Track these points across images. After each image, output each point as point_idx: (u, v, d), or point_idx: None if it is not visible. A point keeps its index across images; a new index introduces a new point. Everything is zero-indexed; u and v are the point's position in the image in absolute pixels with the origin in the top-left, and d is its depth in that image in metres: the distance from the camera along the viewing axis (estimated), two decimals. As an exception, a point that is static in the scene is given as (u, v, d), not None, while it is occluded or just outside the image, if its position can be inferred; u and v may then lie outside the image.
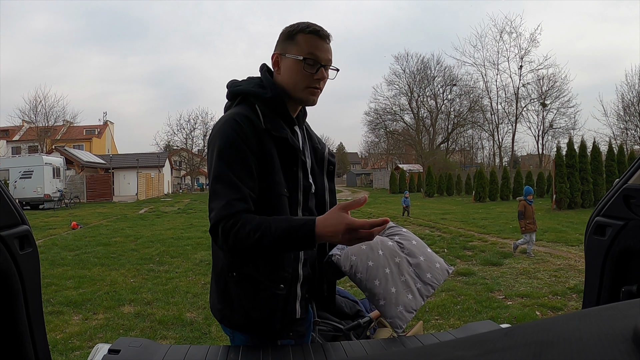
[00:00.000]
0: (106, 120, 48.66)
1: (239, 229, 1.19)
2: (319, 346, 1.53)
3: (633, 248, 1.31)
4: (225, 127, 1.27)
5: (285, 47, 1.35)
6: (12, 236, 1.22)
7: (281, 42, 1.37)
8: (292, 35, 1.34)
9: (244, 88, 1.38)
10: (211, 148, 1.31)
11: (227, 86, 1.44)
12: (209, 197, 1.28)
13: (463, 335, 0.50)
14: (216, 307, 1.41)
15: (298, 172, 1.36)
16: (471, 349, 0.41)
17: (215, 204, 1.24)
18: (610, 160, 16.37)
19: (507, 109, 43.32)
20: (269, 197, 1.30)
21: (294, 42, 1.33)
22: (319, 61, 1.32)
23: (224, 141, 1.26)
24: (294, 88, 1.35)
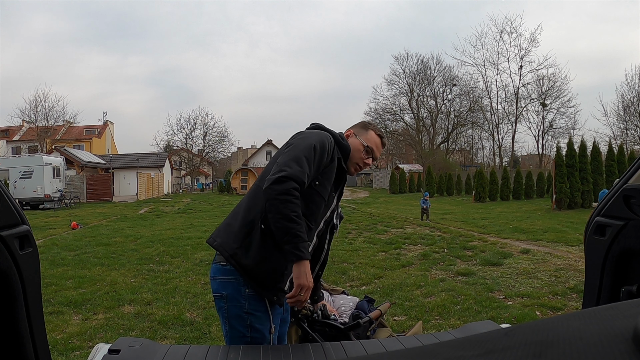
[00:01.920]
0: (106, 120, 48.66)
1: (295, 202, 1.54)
2: (319, 346, 1.53)
3: (633, 248, 1.31)
4: (322, 135, 1.74)
5: (359, 131, 1.92)
6: (12, 236, 1.22)
7: (358, 127, 1.94)
8: (367, 127, 1.93)
9: (328, 129, 1.88)
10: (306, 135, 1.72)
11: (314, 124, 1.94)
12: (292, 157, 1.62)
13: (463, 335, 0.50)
14: (230, 246, 1.67)
15: (335, 196, 1.85)
16: (471, 349, 0.41)
17: (297, 166, 1.59)
18: (610, 160, 16.38)
19: (507, 109, 43.33)
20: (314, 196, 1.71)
21: (366, 133, 1.91)
22: (373, 155, 1.90)
23: (320, 139, 1.70)
24: (351, 158, 1.87)
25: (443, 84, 45.79)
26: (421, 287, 5.43)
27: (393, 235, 10.04)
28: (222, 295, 1.66)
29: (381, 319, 2.31)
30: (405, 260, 7.12)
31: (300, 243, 1.52)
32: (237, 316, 1.63)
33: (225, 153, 48.04)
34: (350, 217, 14.26)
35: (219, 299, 1.67)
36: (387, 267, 6.54)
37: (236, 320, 1.64)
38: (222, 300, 1.66)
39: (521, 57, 41.95)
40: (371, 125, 1.95)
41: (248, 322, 1.62)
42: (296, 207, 1.53)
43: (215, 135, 45.15)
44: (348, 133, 1.91)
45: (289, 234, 1.51)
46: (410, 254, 7.69)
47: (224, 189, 36.02)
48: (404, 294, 5.09)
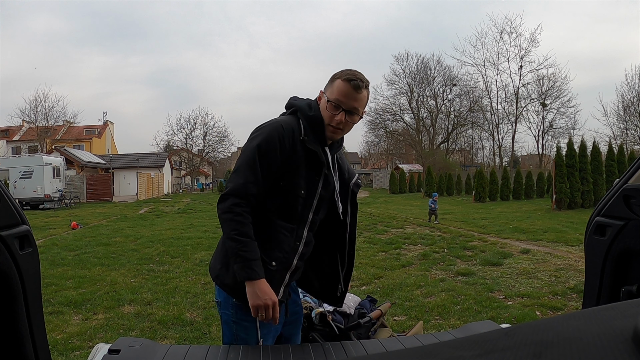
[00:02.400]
0: (106, 120, 48.65)
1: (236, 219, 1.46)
2: (319, 346, 1.53)
3: (633, 248, 1.31)
4: (271, 128, 1.55)
5: (327, 87, 1.63)
6: (12, 236, 1.22)
7: (327, 83, 1.65)
8: (333, 79, 1.61)
9: (296, 103, 1.66)
10: (253, 136, 1.56)
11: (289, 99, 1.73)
12: (234, 169, 1.55)
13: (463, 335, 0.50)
14: (215, 267, 1.63)
15: (319, 182, 1.62)
16: (471, 349, 0.41)
17: (236, 179, 1.51)
18: (610, 160, 16.37)
19: (507, 109, 43.32)
20: (287, 195, 1.56)
21: (331, 85, 1.61)
22: (342, 106, 1.57)
23: (265, 137, 1.53)
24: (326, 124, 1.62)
25: (443, 84, 45.83)
26: (421, 287, 5.43)
27: (393, 235, 10.04)
28: (218, 301, 1.69)
29: (382, 319, 2.32)
30: (405, 260, 7.12)
31: (244, 263, 1.44)
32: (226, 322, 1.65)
33: (225, 153, 48.08)
34: (350, 217, 14.24)
35: (217, 304, 1.71)
36: (387, 267, 6.54)
37: (226, 326, 1.66)
38: (218, 306, 1.70)
39: (521, 57, 41.98)
40: (338, 73, 1.62)
41: (234, 330, 1.62)
42: (237, 224, 1.45)
43: (215, 135, 45.22)
44: (319, 95, 1.67)
45: (232, 254, 1.48)
46: (410, 254, 7.69)
47: (224, 189, 35.94)
48: (404, 294, 5.09)
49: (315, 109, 1.62)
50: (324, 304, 2.30)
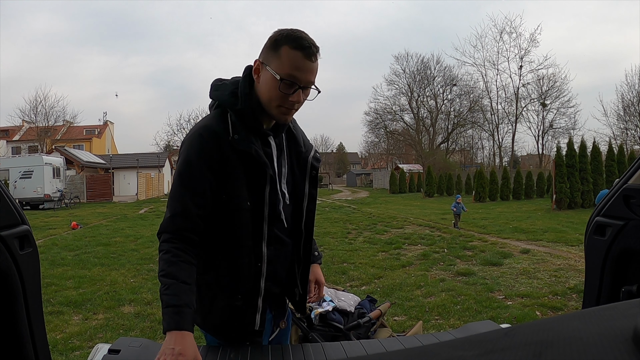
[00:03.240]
0: (106, 120, 48.66)
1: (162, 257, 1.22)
2: (319, 346, 1.53)
3: (633, 248, 1.31)
4: (189, 143, 1.28)
5: (268, 57, 1.27)
6: (12, 236, 1.22)
7: (266, 49, 1.28)
8: (277, 45, 1.25)
9: (218, 95, 1.36)
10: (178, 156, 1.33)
11: (211, 86, 1.41)
12: (167, 203, 1.31)
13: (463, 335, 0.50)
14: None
15: (265, 186, 1.31)
16: (471, 349, 0.41)
17: (166, 213, 1.27)
18: (610, 160, 16.37)
19: (507, 109, 43.33)
20: (229, 210, 1.29)
21: (277, 55, 1.25)
22: (298, 82, 1.25)
23: (184, 158, 1.27)
24: (268, 103, 1.30)
25: (443, 84, 45.87)
26: (421, 287, 5.43)
27: (393, 235, 10.04)
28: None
29: (382, 319, 2.31)
30: (405, 260, 7.12)
31: (165, 308, 1.15)
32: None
33: (225, 153, 48.05)
34: (350, 217, 14.27)
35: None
36: (387, 267, 6.54)
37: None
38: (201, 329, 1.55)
39: (521, 57, 41.99)
40: (284, 36, 1.25)
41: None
42: (164, 264, 1.20)
43: (215, 135, 45.16)
44: (255, 66, 1.30)
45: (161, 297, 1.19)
46: (410, 254, 7.69)
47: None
48: (404, 294, 5.09)
49: (244, 97, 1.30)
50: (323, 303, 2.30)
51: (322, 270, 1.71)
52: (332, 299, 2.34)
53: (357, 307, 2.32)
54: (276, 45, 1.25)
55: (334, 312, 2.11)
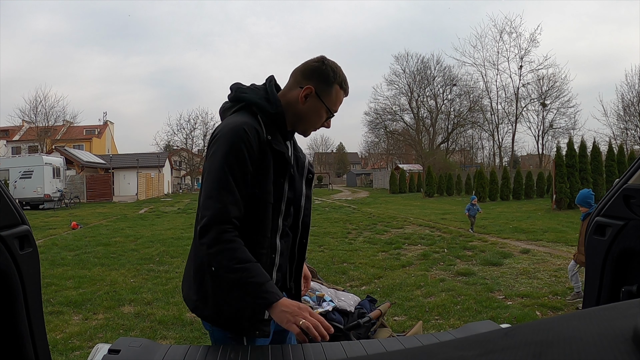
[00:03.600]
0: (106, 120, 48.67)
1: (230, 247, 1.28)
2: (319, 346, 1.53)
3: (633, 248, 1.31)
4: (234, 134, 1.34)
5: (321, 89, 1.45)
6: (12, 236, 1.22)
7: (316, 79, 1.45)
8: (330, 82, 1.45)
9: (251, 97, 1.45)
10: (214, 149, 1.35)
11: (232, 89, 1.50)
12: (206, 194, 1.33)
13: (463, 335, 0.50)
14: (190, 298, 1.48)
15: (285, 184, 1.44)
16: (471, 349, 0.41)
17: (213, 204, 1.30)
18: (610, 160, 16.37)
19: (507, 109, 43.31)
20: (258, 204, 1.38)
21: (329, 91, 1.46)
22: (335, 113, 1.50)
23: (230, 147, 1.32)
24: (305, 123, 1.49)
25: (443, 84, 45.84)
26: (421, 287, 5.43)
27: (393, 235, 10.04)
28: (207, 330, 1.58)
29: (382, 319, 2.31)
30: (405, 260, 7.12)
31: (257, 290, 1.26)
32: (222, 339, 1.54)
33: (225, 153, 48.03)
34: (350, 217, 14.26)
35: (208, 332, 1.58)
36: (387, 267, 6.54)
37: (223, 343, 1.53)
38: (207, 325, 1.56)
39: (521, 57, 41.97)
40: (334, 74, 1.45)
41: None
42: (233, 252, 1.27)
43: (215, 135, 45.15)
44: (308, 91, 1.44)
45: (239, 286, 1.29)
46: (410, 254, 7.69)
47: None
48: (404, 294, 5.09)
49: (276, 103, 1.44)
50: (323, 303, 2.30)
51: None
52: (332, 299, 2.34)
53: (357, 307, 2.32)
54: (329, 82, 1.46)
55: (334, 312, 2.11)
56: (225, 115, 1.50)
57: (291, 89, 1.49)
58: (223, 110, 1.52)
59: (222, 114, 1.54)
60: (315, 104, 1.46)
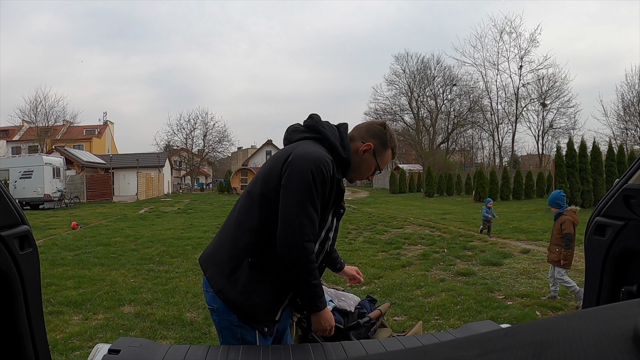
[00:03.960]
0: (106, 120, 48.66)
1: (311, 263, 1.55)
2: (319, 346, 1.53)
3: (633, 248, 1.31)
4: (320, 161, 1.56)
5: (379, 148, 1.75)
6: (12, 236, 1.22)
7: (377, 139, 1.75)
8: (387, 145, 1.77)
9: (329, 135, 1.68)
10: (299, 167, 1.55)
11: (313, 118, 1.74)
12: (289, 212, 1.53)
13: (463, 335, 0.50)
14: (217, 280, 1.62)
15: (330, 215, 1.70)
16: (471, 349, 0.41)
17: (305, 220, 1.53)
18: (610, 160, 16.36)
19: (507, 109, 43.31)
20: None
21: (384, 151, 1.77)
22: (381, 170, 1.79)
23: (319, 175, 1.55)
24: (356, 172, 1.76)
25: (443, 84, 45.82)
26: (421, 287, 5.43)
27: (393, 235, 10.04)
28: (213, 307, 1.64)
29: (381, 319, 2.31)
30: (405, 260, 7.12)
31: (317, 299, 1.59)
32: (227, 328, 1.63)
33: (225, 153, 48.08)
34: (350, 217, 14.26)
35: (212, 311, 1.67)
36: (387, 267, 6.54)
37: (227, 332, 1.63)
38: (214, 313, 1.65)
39: (521, 57, 41.98)
40: (391, 140, 1.77)
41: (239, 334, 1.61)
42: (315, 270, 1.56)
43: (215, 135, 45.18)
44: (368, 147, 1.73)
45: (307, 296, 1.59)
46: (410, 254, 7.69)
47: (224, 189, 36.01)
48: (404, 294, 5.09)
49: (348, 152, 1.69)
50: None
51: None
52: (332, 299, 2.34)
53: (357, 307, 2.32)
54: (386, 145, 1.77)
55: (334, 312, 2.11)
56: (293, 136, 1.73)
57: (353, 141, 1.75)
58: (293, 131, 1.76)
59: (290, 134, 1.76)
60: (370, 159, 1.74)
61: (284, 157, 1.60)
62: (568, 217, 4.78)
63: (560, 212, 4.87)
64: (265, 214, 1.59)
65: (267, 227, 1.57)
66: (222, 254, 1.65)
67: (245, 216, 1.63)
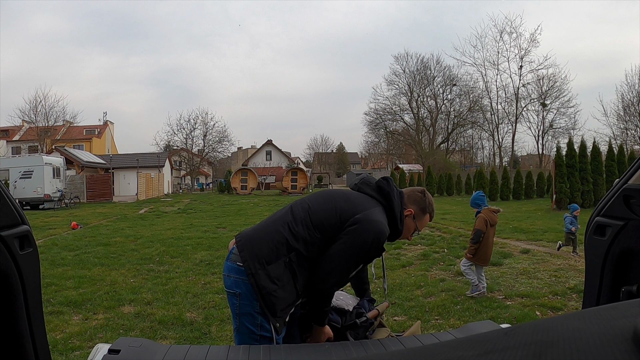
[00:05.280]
0: (106, 120, 48.63)
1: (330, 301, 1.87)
2: (319, 346, 1.53)
3: (633, 248, 1.31)
4: (381, 237, 1.80)
5: (418, 214, 1.99)
6: (12, 236, 1.22)
7: (417, 206, 1.99)
8: (426, 211, 2.01)
9: (396, 210, 1.89)
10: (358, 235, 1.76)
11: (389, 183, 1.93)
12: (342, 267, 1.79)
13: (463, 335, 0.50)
14: (254, 266, 1.74)
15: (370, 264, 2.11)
16: (471, 349, 0.41)
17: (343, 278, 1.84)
18: (610, 160, 16.36)
19: (507, 109, 43.30)
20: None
21: (423, 216, 2.00)
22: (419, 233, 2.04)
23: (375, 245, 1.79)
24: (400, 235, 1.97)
25: (443, 84, 45.82)
26: (421, 287, 5.43)
27: (393, 235, 10.02)
28: (235, 292, 1.74)
29: (380, 319, 2.31)
30: (405, 260, 7.12)
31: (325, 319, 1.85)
32: (248, 314, 1.71)
33: (225, 153, 48.07)
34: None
35: (232, 295, 1.76)
36: (387, 267, 6.53)
37: (247, 317, 1.71)
38: (234, 297, 1.74)
39: (521, 57, 41.97)
40: (430, 206, 2.01)
41: (259, 321, 1.70)
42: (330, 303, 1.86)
43: (215, 135, 45.17)
44: (409, 213, 1.96)
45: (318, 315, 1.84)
46: (410, 254, 7.69)
47: (224, 189, 36.00)
48: (404, 294, 5.09)
49: (402, 224, 1.92)
50: None
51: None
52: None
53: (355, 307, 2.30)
54: (425, 211, 2.01)
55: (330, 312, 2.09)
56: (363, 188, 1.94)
57: None
58: (365, 184, 1.96)
59: (360, 185, 1.97)
60: (410, 223, 1.97)
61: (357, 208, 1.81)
62: (482, 215, 5.02)
63: (479, 211, 5.13)
64: (317, 236, 1.79)
65: (313, 247, 1.78)
66: (264, 243, 1.79)
67: (300, 226, 1.80)
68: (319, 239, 1.78)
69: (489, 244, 5.02)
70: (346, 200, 1.87)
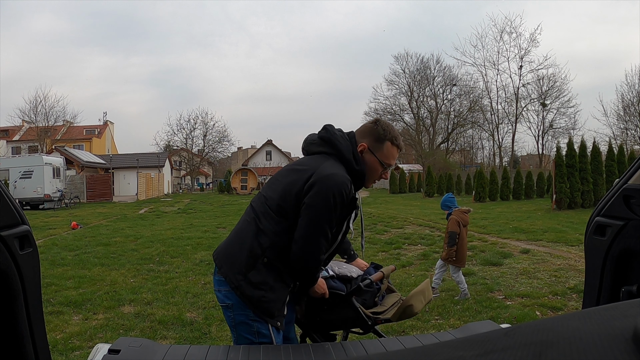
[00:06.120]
0: (106, 120, 48.64)
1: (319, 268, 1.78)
2: (319, 346, 1.53)
3: (633, 248, 1.31)
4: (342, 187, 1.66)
5: (374, 146, 1.79)
6: (12, 236, 1.22)
7: (369, 137, 1.79)
8: (382, 139, 1.79)
9: (344, 150, 1.74)
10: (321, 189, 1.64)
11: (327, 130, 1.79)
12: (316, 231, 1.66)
13: (463, 335, 0.50)
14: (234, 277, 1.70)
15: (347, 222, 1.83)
16: (471, 349, 0.41)
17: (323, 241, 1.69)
18: (610, 160, 16.34)
19: (507, 109, 43.28)
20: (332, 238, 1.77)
21: (381, 146, 1.79)
22: (390, 166, 1.82)
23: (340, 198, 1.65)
24: (367, 176, 1.80)
25: (443, 84, 45.81)
26: (421, 287, 5.43)
27: (393, 235, 10.04)
28: (227, 305, 1.71)
29: (387, 282, 2.30)
30: (405, 260, 7.12)
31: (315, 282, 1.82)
32: (243, 323, 1.69)
33: (225, 153, 48.09)
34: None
35: (226, 308, 1.73)
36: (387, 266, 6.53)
37: (243, 327, 1.69)
38: (228, 310, 1.72)
39: (521, 57, 41.95)
40: (385, 132, 1.79)
41: (255, 328, 1.68)
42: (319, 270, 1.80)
43: (215, 135, 45.20)
44: (362, 147, 1.78)
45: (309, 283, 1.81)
46: (410, 254, 7.69)
47: (224, 189, 36.01)
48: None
49: (360, 163, 1.76)
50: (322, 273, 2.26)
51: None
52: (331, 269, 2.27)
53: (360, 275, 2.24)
54: (381, 139, 1.79)
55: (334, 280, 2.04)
56: (310, 148, 1.81)
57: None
58: (310, 143, 1.83)
59: (308, 146, 1.83)
60: (370, 158, 1.78)
61: (306, 174, 1.68)
62: (454, 217, 4.98)
63: (450, 212, 5.08)
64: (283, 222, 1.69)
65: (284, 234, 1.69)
66: (238, 253, 1.73)
67: (263, 221, 1.71)
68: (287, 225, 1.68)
69: (463, 244, 5.03)
70: (293, 171, 1.75)
